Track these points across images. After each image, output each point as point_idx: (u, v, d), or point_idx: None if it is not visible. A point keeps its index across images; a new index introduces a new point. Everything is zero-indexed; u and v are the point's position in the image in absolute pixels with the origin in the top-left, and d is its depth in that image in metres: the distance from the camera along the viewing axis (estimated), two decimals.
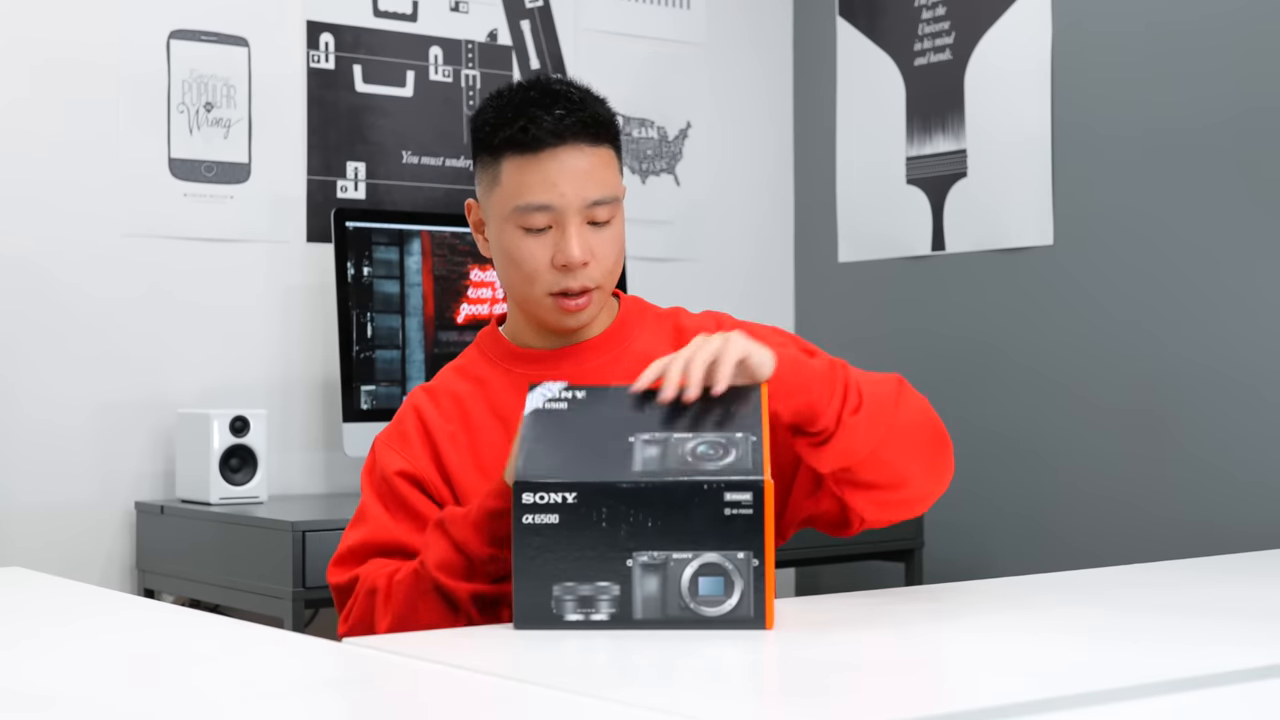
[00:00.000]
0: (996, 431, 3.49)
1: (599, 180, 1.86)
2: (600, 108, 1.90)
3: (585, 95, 1.89)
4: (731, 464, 1.58)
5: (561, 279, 1.85)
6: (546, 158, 1.84)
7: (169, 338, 3.21)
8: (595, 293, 1.87)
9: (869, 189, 3.79)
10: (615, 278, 1.91)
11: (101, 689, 1.32)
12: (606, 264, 1.88)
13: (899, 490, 1.81)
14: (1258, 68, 3.05)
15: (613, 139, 1.90)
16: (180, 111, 3.23)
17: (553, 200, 1.84)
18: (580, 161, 1.85)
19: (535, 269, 1.85)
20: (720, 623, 1.55)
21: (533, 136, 1.83)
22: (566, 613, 1.55)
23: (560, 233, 1.85)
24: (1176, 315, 3.17)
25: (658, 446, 1.60)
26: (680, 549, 1.56)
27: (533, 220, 1.84)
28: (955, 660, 1.50)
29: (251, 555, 2.86)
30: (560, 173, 1.84)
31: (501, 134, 1.85)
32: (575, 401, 1.65)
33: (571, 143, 1.84)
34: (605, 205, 1.86)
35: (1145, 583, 2.06)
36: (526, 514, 1.56)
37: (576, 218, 1.85)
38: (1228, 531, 3.03)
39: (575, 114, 1.85)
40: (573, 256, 1.83)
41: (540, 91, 1.87)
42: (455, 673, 1.39)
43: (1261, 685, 1.40)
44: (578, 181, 1.84)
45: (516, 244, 1.86)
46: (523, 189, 1.84)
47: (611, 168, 1.89)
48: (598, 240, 1.86)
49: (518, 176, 1.85)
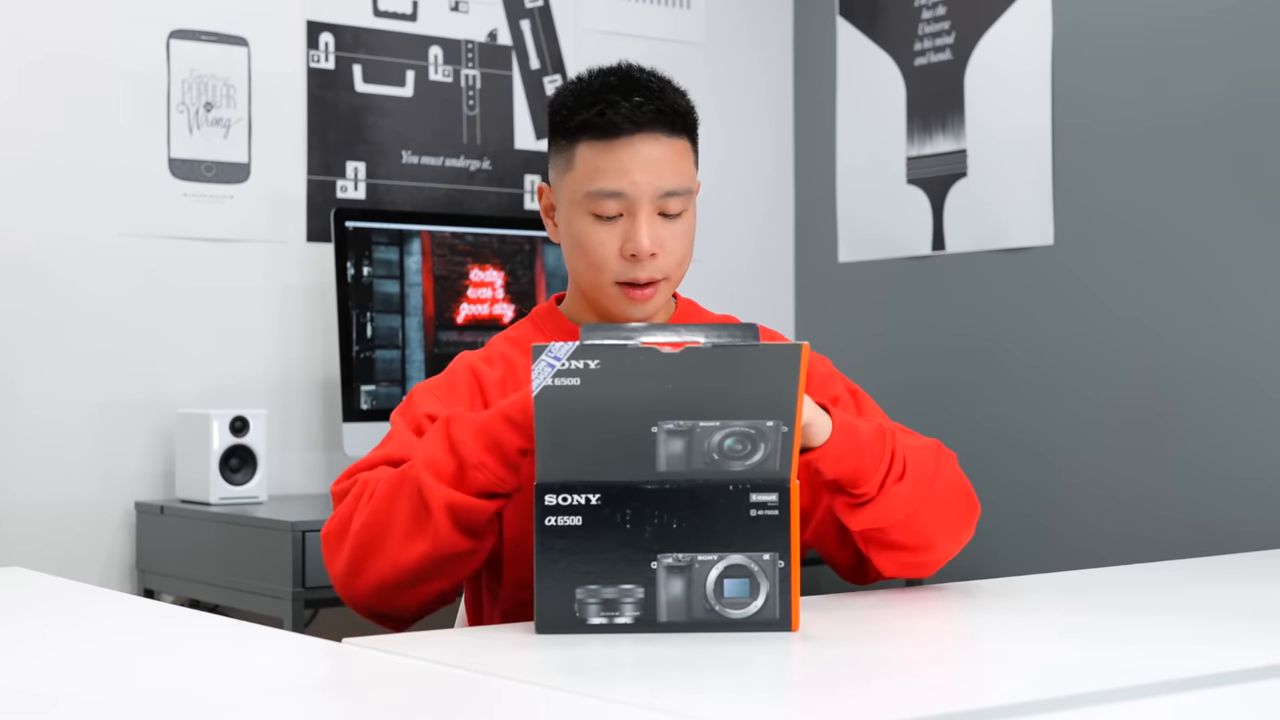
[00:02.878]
0: (997, 431, 3.49)
1: (674, 171, 1.84)
2: (680, 99, 1.88)
3: (665, 85, 1.88)
4: (759, 462, 1.54)
5: (629, 269, 1.84)
6: (622, 145, 1.82)
7: (169, 337, 3.21)
8: (662, 284, 1.86)
9: (869, 189, 3.79)
10: (683, 271, 1.89)
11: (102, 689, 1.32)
12: (675, 256, 1.86)
13: (923, 553, 1.83)
14: (1257, 64, 3.05)
15: (690, 131, 1.88)
16: (180, 111, 3.23)
17: (625, 188, 1.82)
18: (655, 151, 1.83)
19: (603, 257, 1.84)
20: (746, 625, 1.53)
21: (609, 122, 1.82)
22: (590, 616, 1.53)
23: (631, 221, 1.83)
24: (1177, 314, 3.17)
25: (682, 439, 1.54)
26: (705, 550, 1.53)
27: (604, 207, 1.83)
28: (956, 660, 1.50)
29: (251, 555, 2.86)
30: (635, 160, 1.82)
31: (578, 118, 1.84)
32: (588, 374, 1.52)
33: (648, 131, 1.83)
34: (678, 197, 1.85)
35: (1145, 583, 2.06)
36: (549, 516, 1.53)
37: (648, 207, 1.83)
38: (1228, 531, 3.03)
39: (654, 102, 1.83)
40: (642, 246, 1.82)
41: (620, 78, 1.86)
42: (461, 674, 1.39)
43: (1261, 685, 1.39)
44: (652, 171, 1.83)
45: (586, 230, 1.85)
46: (596, 175, 1.83)
47: (687, 159, 1.87)
48: (668, 232, 1.85)
49: (592, 162, 1.83)
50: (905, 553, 1.81)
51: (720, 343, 1.53)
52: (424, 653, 1.47)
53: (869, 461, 1.71)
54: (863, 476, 1.72)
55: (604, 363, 1.52)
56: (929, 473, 1.78)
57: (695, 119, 1.90)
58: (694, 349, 1.52)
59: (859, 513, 1.75)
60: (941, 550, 1.84)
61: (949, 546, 1.85)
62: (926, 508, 1.78)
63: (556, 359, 1.51)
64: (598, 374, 1.52)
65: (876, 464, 1.72)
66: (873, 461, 1.72)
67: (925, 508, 1.78)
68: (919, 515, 1.77)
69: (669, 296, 1.91)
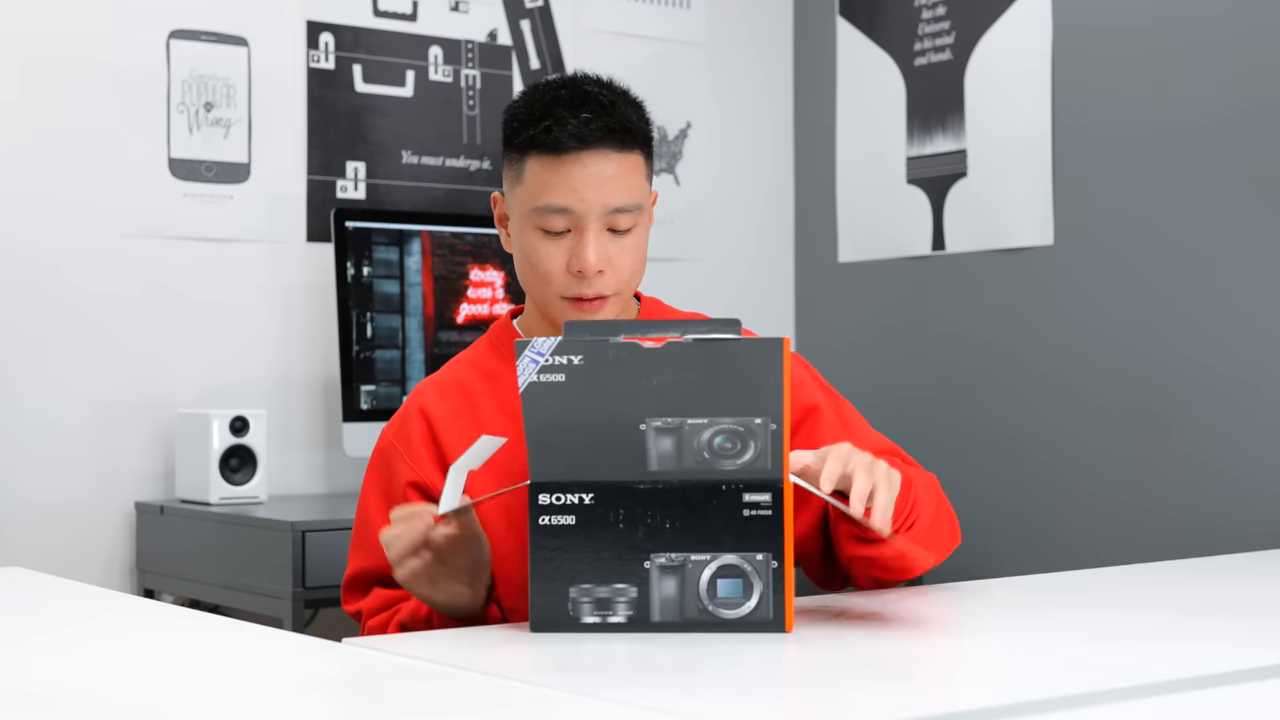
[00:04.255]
0: (997, 432, 3.49)
1: (622, 187, 1.83)
2: (631, 113, 1.86)
3: (617, 99, 1.86)
4: (750, 461, 1.54)
5: (576, 284, 1.83)
6: (570, 161, 1.81)
7: (169, 338, 3.21)
8: (612, 298, 1.85)
9: (869, 189, 3.79)
10: (633, 285, 1.88)
11: (102, 689, 1.32)
12: (624, 273, 1.85)
13: (904, 575, 1.85)
14: (1258, 66, 3.05)
15: (642, 145, 1.87)
16: (180, 111, 3.23)
17: (572, 204, 1.81)
18: (605, 167, 1.82)
19: (550, 271, 1.83)
20: (739, 625, 1.53)
21: (555, 139, 1.81)
22: (584, 615, 1.54)
23: (578, 238, 1.82)
24: (1177, 315, 3.17)
25: (672, 436, 1.54)
26: (698, 550, 1.54)
27: (551, 222, 1.82)
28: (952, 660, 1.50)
29: (251, 555, 2.86)
30: (583, 177, 1.81)
31: (526, 132, 1.83)
32: (572, 369, 1.54)
33: (596, 148, 1.81)
34: (627, 213, 1.83)
35: (1145, 583, 2.06)
36: (543, 515, 1.54)
37: (596, 224, 1.82)
38: (1228, 531, 3.03)
39: (602, 119, 1.82)
40: (588, 264, 1.81)
41: (571, 92, 1.84)
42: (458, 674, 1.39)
43: (1261, 685, 1.40)
44: (600, 187, 1.81)
45: (534, 245, 1.84)
46: (543, 190, 1.82)
47: (638, 174, 1.85)
48: (617, 248, 1.84)
49: (540, 177, 1.82)
50: (886, 574, 1.84)
51: (702, 337, 1.54)
52: (422, 652, 1.47)
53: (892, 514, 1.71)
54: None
55: (587, 357, 1.54)
56: (930, 517, 1.80)
57: (648, 133, 1.88)
58: (676, 343, 1.54)
59: (862, 546, 1.77)
60: (918, 572, 1.86)
61: (925, 568, 1.86)
62: (919, 543, 1.79)
63: (540, 354, 1.54)
64: (582, 370, 1.54)
65: (897, 516, 1.73)
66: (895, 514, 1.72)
67: (919, 544, 1.79)
68: (911, 554, 1.78)
69: (621, 308, 1.89)
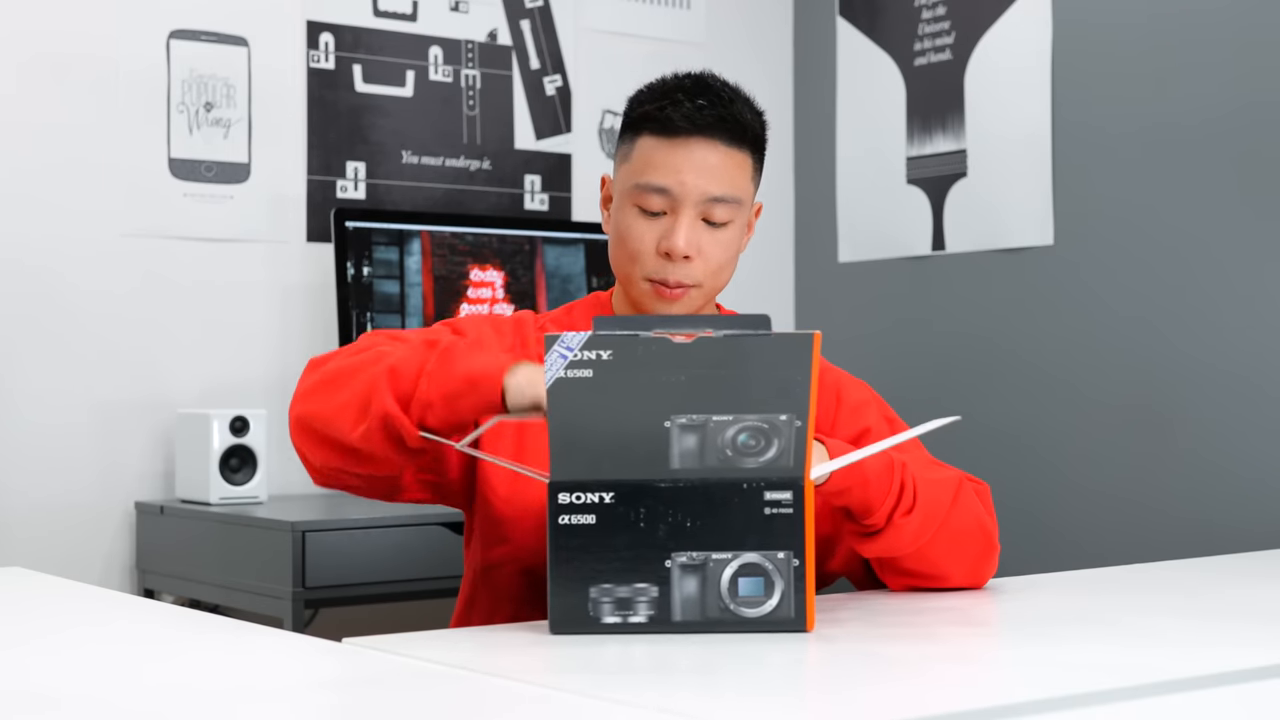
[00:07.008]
0: (997, 431, 3.49)
1: (725, 179, 1.84)
2: (748, 112, 1.88)
3: (736, 96, 1.88)
4: (773, 459, 1.53)
5: (661, 267, 1.85)
6: (679, 144, 1.83)
7: (169, 337, 3.21)
8: (694, 290, 1.86)
9: (869, 189, 3.79)
10: (721, 281, 1.89)
11: (103, 689, 1.32)
12: (711, 264, 1.86)
13: (936, 582, 1.84)
14: (1258, 64, 3.05)
15: (753, 146, 1.88)
16: (180, 111, 3.23)
17: (672, 186, 1.83)
18: (711, 156, 1.84)
19: (639, 249, 1.85)
20: (760, 625, 1.53)
21: (668, 118, 1.83)
22: (604, 616, 1.52)
23: (673, 220, 1.84)
24: (1178, 314, 3.17)
25: (696, 434, 1.53)
26: (720, 549, 1.53)
27: (649, 201, 1.84)
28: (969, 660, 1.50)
29: (251, 555, 2.86)
30: (688, 161, 1.83)
31: (642, 109, 1.86)
32: (600, 365, 1.52)
33: (707, 135, 1.83)
34: (725, 205, 1.85)
35: (1146, 582, 2.06)
36: (563, 514, 1.53)
37: (692, 210, 1.84)
38: (1229, 531, 3.03)
39: (717, 109, 1.84)
40: (676, 246, 1.83)
41: (694, 81, 1.87)
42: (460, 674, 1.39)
43: (1261, 685, 1.40)
44: (702, 174, 1.83)
45: (629, 222, 1.86)
46: (647, 168, 1.84)
47: (743, 172, 1.87)
48: (709, 238, 1.85)
49: (647, 155, 1.85)
50: (917, 579, 1.84)
51: (732, 333, 1.54)
52: (425, 653, 1.47)
53: (875, 493, 1.72)
54: (871, 507, 1.73)
55: (616, 353, 1.53)
56: (942, 506, 1.79)
57: (762, 136, 1.90)
58: (706, 339, 1.53)
59: (870, 542, 1.77)
60: (955, 581, 1.85)
61: (964, 579, 1.85)
62: (939, 541, 1.79)
63: (569, 349, 1.52)
64: (610, 365, 1.52)
65: (884, 496, 1.73)
66: (879, 493, 1.72)
67: (938, 541, 1.78)
68: (931, 548, 1.78)
69: (703, 305, 1.90)
